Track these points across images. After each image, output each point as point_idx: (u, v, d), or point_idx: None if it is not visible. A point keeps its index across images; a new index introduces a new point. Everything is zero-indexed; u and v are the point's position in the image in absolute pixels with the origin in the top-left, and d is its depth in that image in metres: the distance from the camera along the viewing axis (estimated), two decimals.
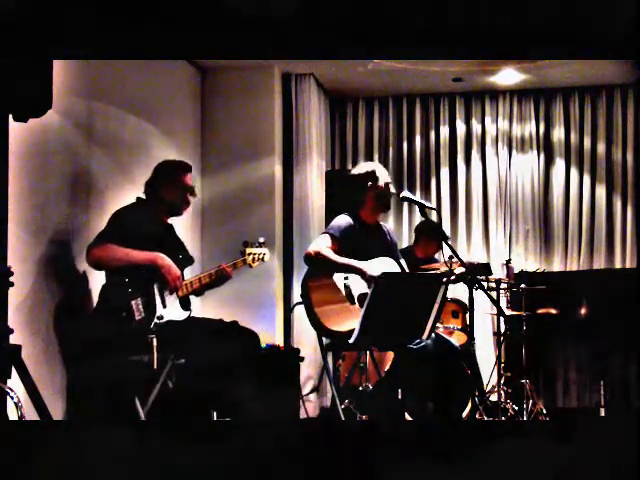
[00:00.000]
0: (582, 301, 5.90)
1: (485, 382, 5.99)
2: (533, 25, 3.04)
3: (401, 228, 7.22)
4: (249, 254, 4.51)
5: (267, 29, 3.00)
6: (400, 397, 4.19)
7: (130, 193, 4.52)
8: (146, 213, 4.33)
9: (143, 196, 4.42)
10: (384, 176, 4.62)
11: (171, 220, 4.53)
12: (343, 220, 4.54)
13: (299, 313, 5.86)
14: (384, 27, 3.06)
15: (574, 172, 7.06)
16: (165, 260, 4.18)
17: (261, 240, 4.61)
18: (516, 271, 6.26)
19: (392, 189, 4.64)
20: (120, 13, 2.91)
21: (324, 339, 4.55)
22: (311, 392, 6.24)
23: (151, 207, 4.38)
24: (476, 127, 7.25)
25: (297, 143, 6.67)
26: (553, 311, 6.00)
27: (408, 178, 7.32)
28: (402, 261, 4.71)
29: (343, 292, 4.31)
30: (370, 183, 4.57)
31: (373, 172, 4.60)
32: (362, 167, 4.70)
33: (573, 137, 7.09)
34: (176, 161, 4.60)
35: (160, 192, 4.36)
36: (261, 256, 4.57)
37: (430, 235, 6.12)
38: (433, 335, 4.31)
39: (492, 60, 6.36)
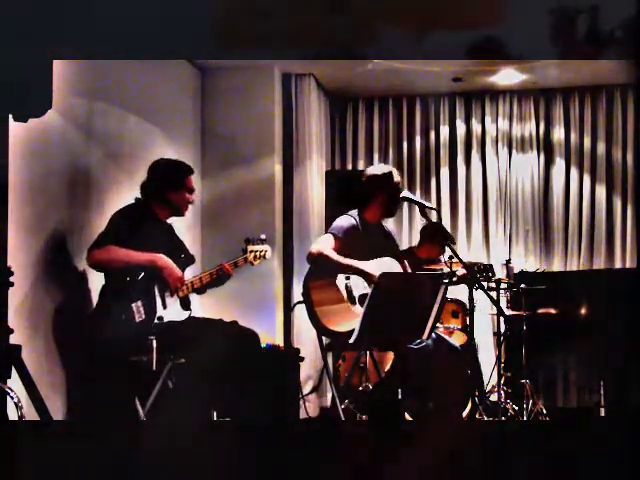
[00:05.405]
0: (582, 301, 5.90)
1: (485, 382, 5.98)
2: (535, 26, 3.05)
3: (401, 228, 7.22)
4: (251, 252, 4.47)
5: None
6: (400, 397, 4.20)
7: (130, 193, 4.51)
8: (145, 214, 4.32)
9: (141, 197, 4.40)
10: (398, 180, 4.61)
11: (170, 220, 4.52)
12: (346, 221, 4.53)
13: (299, 313, 5.86)
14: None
15: (574, 172, 7.06)
16: (166, 261, 4.16)
17: (262, 237, 4.54)
18: (516, 271, 6.25)
19: (401, 194, 4.57)
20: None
21: (324, 339, 4.55)
22: (311, 392, 6.23)
23: (150, 208, 4.36)
24: (476, 127, 7.25)
25: (297, 143, 6.67)
26: (553, 311, 6.00)
27: (408, 178, 7.32)
28: (405, 263, 4.70)
29: (344, 292, 4.31)
30: (386, 185, 4.56)
31: (390, 174, 4.59)
32: (379, 168, 4.69)
33: (573, 137, 7.08)
34: (177, 162, 4.51)
35: (165, 194, 4.32)
36: (263, 253, 4.51)
37: (435, 239, 6.10)
38: (433, 335, 4.31)
39: (492, 60, 6.36)
